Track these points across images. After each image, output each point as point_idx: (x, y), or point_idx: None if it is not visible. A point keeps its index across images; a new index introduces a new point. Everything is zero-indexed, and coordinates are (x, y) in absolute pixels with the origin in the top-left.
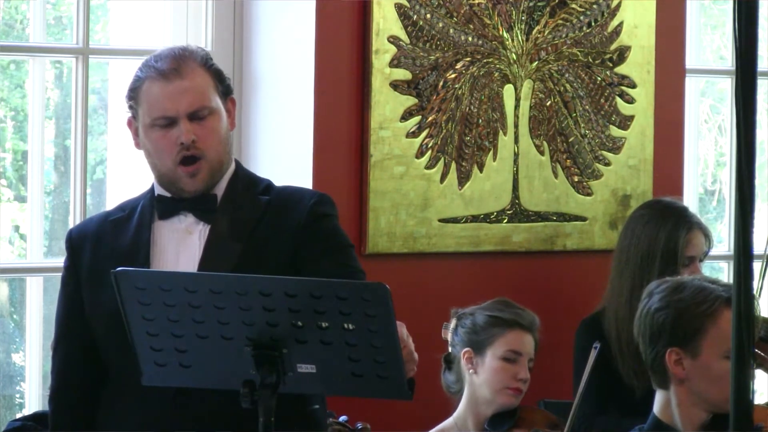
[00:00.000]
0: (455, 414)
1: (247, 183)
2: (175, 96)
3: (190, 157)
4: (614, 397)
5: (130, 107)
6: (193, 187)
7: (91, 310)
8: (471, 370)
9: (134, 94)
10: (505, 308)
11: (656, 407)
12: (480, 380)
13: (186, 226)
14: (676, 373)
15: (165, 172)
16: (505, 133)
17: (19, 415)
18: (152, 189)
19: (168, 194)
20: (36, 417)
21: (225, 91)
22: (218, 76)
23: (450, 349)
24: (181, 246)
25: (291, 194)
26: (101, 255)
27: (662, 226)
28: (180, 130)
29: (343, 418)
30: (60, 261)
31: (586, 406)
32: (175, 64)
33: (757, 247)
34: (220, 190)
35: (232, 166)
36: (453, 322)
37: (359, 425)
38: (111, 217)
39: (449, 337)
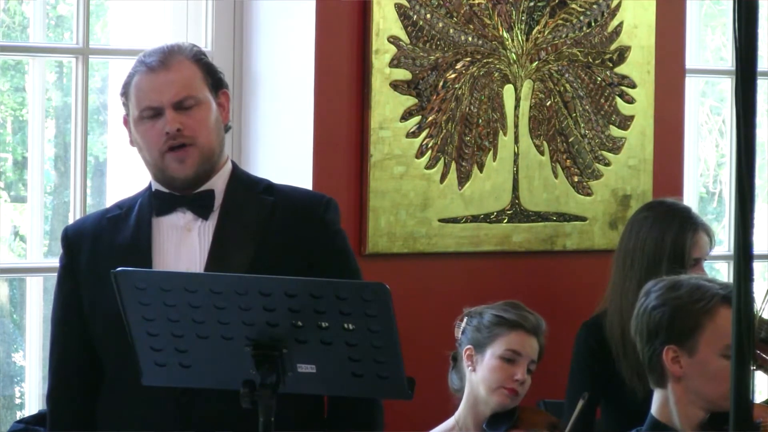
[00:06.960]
0: (456, 413)
1: (246, 183)
2: (160, 87)
3: (178, 145)
4: (615, 399)
5: (123, 104)
6: (182, 173)
7: (90, 309)
8: (470, 368)
9: (125, 90)
10: (512, 309)
11: (654, 407)
12: (477, 378)
13: (185, 223)
14: (674, 371)
15: (154, 163)
16: (505, 133)
17: (19, 414)
18: (150, 186)
19: (165, 190)
20: (39, 417)
21: (215, 84)
22: (208, 69)
23: (458, 348)
24: (181, 244)
25: (298, 199)
26: (100, 253)
27: (668, 228)
28: (165, 119)
29: None
30: None
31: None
32: (162, 58)
33: (757, 248)
34: (217, 187)
35: (229, 165)
36: (464, 321)
37: None
38: (108, 215)
39: (458, 335)
